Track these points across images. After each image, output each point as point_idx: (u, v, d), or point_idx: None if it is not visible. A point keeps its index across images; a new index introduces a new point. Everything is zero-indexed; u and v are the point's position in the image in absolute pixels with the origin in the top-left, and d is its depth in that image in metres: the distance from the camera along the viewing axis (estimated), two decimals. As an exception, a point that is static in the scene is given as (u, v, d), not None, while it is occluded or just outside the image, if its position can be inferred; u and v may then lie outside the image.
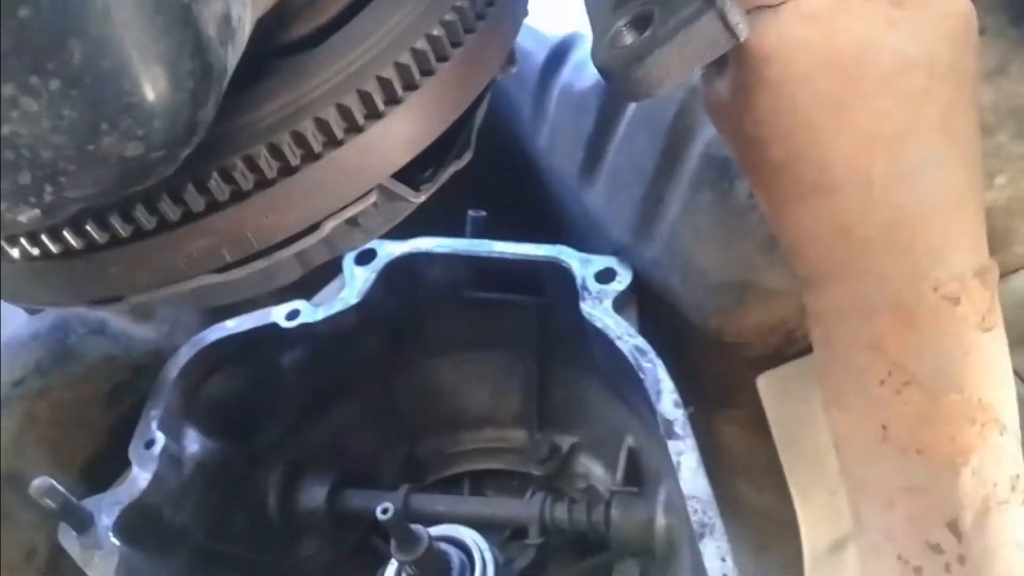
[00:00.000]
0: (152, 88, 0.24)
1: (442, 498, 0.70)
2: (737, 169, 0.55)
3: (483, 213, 0.72)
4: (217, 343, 0.63)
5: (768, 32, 0.36)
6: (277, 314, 0.65)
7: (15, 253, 0.36)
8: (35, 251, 0.35)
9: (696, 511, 0.50)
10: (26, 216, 0.26)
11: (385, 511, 0.54)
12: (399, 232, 0.62)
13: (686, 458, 0.52)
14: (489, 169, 0.57)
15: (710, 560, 0.48)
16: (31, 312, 0.43)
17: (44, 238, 0.34)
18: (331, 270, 0.69)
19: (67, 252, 0.35)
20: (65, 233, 0.34)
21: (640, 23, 0.33)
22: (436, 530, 0.60)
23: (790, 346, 0.58)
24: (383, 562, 0.65)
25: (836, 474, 0.60)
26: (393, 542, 0.57)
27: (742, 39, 0.31)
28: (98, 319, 0.60)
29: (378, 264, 0.67)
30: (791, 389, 0.58)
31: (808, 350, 0.58)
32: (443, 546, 0.60)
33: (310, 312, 0.65)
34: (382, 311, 0.68)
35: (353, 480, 0.71)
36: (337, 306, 0.65)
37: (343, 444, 0.74)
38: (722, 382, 0.61)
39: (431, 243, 0.68)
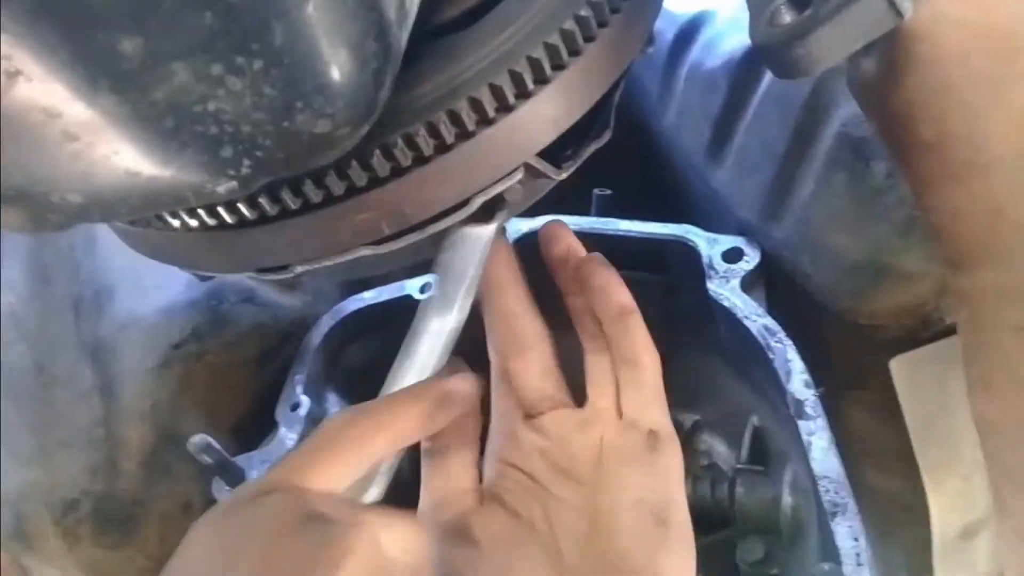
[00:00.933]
0: (341, 69, 0.26)
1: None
2: (873, 149, 0.54)
3: (608, 192, 0.73)
4: (356, 313, 0.66)
5: (921, 10, 0.35)
6: (411, 287, 0.67)
7: (193, 223, 0.39)
8: (212, 221, 0.38)
9: (828, 491, 0.50)
10: (224, 187, 0.28)
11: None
12: (528, 210, 0.64)
13: (817, 438, 0.52)
14: (615, 149, 0.58)
15: (842, 540, 0.48)
16: (202, 279, 0.46)
17: (221, 210, 0.37)
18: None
19: (241, 223, 0.38)
20: (240, 205, 0.37)
21: (800, 1, 0.34)
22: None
23: (925, 330, 0.57)
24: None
25: (970, 460, 0.59)
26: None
27: (907, 17, 0.31)
28: (248, 288, 0.63)
29: (508, 240, 0.69)
30: (926, 373, 0.57)
31: (943, 334, 0.57)
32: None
33: (441, 286, 0.68)
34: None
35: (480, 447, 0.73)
36: (467, 281, 0.67)
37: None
38: (852, 365, 0.60)
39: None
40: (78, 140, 0.26)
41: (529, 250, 0.70)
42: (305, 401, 0.61)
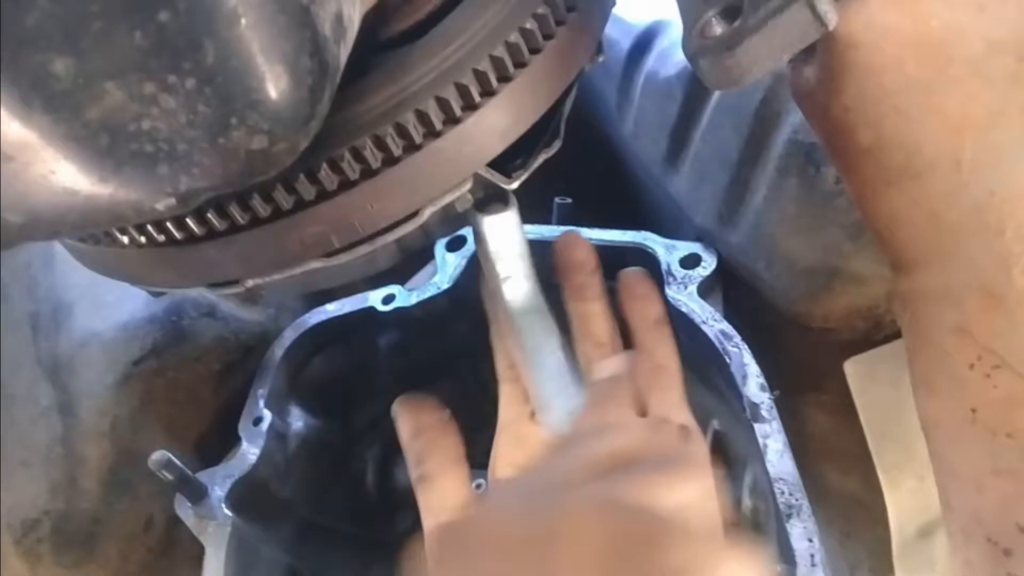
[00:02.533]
0: (275, 85, 0.26)
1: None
2: (823, 155, 0.55)
3: (569, 200, 0.73)
4: (319, 326, 0.66)
5: (856, 18, 0.36)
6: (374, 298, 0.68)
7: (142, 239, 0.39)
8: (161, 237, 0.38)
9: (783, 492, 0.50)
10: (163, 205, 0.28)
11: (479, 486, 0.56)
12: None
13: (772, 441, 0.52)
14: (575, 158, 0.59)
15: (797, 541, 0.48)
16: (154, 295, 0.46)
17: (169, 225, 0.37)
18: (424, 257, 0.72)
19: (190, 238, 0.38)
20: (188, 221, 0.37)
21: (730, 13, 0.34)
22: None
23: (878, 332, 0.58)
24: (474, 538, 0.67)
25: (924, 460, 0.59)
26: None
27: (831, 28, 0.32)
28: (209, 303, 0.63)
29: (468, 250, 0.70)
30: (879, 374, 0.58)
31: (896, 335, 0.58)
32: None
33: (404, 297, 0.68)
34: (472, 295, 0.70)
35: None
36: (430, 291, 0.68)
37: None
38: (808, 368, 0.61)
39: (518, 230, 0.70)
40: (14, 160, 0.27)
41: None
42: (267, 415, 0.61)
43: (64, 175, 0.27)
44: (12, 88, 0.25)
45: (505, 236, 0.48)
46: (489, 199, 0.46)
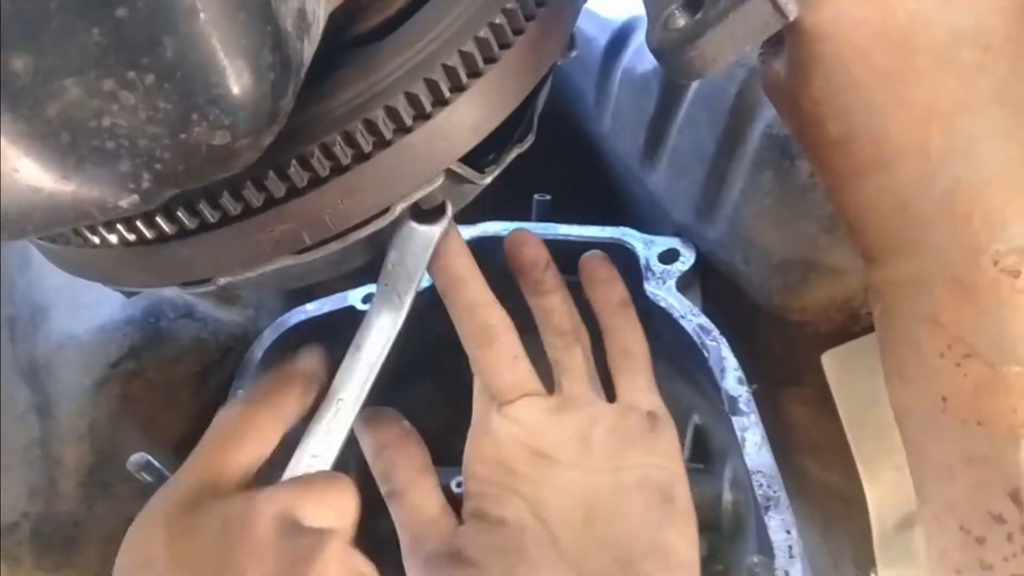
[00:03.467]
0: (236, 81, 0.26)
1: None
2: (798, 148, 0.55)
3: (548, 197, 0.73)
4: (298, 325, 0.66)
5: (822, 10, 0.36)
6: (353, 297, 0.67)
7: (113, 239, 0.39)
8: (131, 237, 0.38)
9: (761, 485, 0.51)
10: (126, 202, 0.28)
11: (460, 484, 0.56)
12: (469, 217, 0.65)
13: (751, 433, 0.53)
14: (554, 154, 0.59)
15: (775, 533, 0.49)
16: (127, 295, 0.46)
17: (140, 224, 0.37)
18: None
19: (161, 237, 0.38)
20: (159, 220, 0.37)
21: (692, 5, 0.35)
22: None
23: (855, 324, 0.58)
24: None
25: (904, 451, 0.60)
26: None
27: (791, 19, 0.32)
28: (187, 304, 0.63)
29: (448, 248, 0.69)
30: (857, 366, 0.58)
31: (873, 328, 0.58)
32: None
33: (383, 295, 0.68)
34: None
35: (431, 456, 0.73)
36: (409, 290, 0.68)
37: (420, 422, 0.76)
38: (787, 361, 0.61)
39: (498, 227, 0.70)
40: (-25, 158, 0.26)
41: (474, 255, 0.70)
42: (247, 415, 0.61)
43: (27, 173, 0.27)
44: (-30, 86, 0.25)
45: (419, 250, 0.47)
46: (429, 213, 0.45)
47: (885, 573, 0.65)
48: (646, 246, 0.64)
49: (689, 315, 0.59)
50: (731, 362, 0.56)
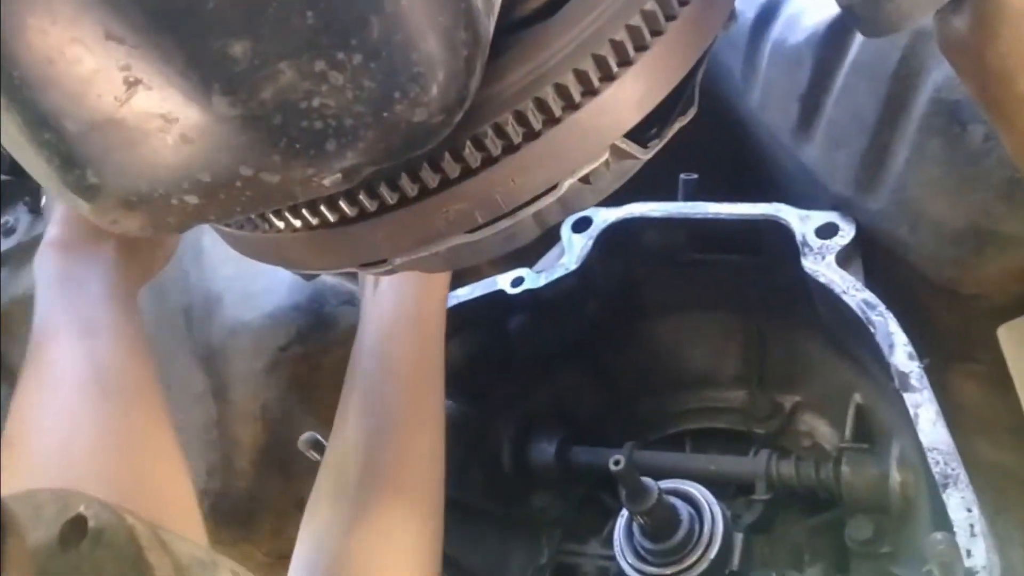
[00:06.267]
0: (435, 58, 0.27)
1: (667, 455, 0.72)
2: (969, 113, 0.53)
3: (695, 176, 0.72)
4: (450, 310, 0.67)
5: (1012, -41, 0.35)
6: (503, 281, 0.69)
7: (297, 223, 0.40)
8: (315, 221, 0.40)
9: (938, 463, 0.49)
10: (329, 180, 0.29)
11: (617, 462, 0.56)
12: (614, 199, 0.64)
13: (924, 410, 0.51)
14: (699, 132, 0.58)
15: (955, 511, 0.47)
16: (307, 278, 0.48)
17: (323, 208, 0.39)
18: (550, 239, 0.72)
19: (342, 220, 0.39)
20: (341, 203, 0.38)
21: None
22: (664, 484, 0.62)
23: (1034, 295, 0.55)
24: (610, 515, 0.68)
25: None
26: (624, 493, 0.59)
27: (994, -34, 0.31)
28: (348, 291, 0.66)
29: (594, 231, 0.70)
30: (1037, 340, 0.55)
31: (1055, 299, 0.55)
32: (671, 499, 0.61)
33: (533, 279, 0.69)
34: (600, 276, 0.71)
35: (579, 438, 0.74)
36: (558, 272, 0.68)
37: (568, 403, 0.77)
38: (958, 335, 0.59)
39: (645, 208, 0.70)
40: (193, 143, 0.28)
41: (617, 237, 0.70)
42: (406, 396, 0.63)
43: (238, 155, 0.29)
44: (192, 73, 0.27)
45: None
46: None
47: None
48: (802, 221, 0.63)
49: (852, 290, 0.57)
50: (900, 337, 0.53)
